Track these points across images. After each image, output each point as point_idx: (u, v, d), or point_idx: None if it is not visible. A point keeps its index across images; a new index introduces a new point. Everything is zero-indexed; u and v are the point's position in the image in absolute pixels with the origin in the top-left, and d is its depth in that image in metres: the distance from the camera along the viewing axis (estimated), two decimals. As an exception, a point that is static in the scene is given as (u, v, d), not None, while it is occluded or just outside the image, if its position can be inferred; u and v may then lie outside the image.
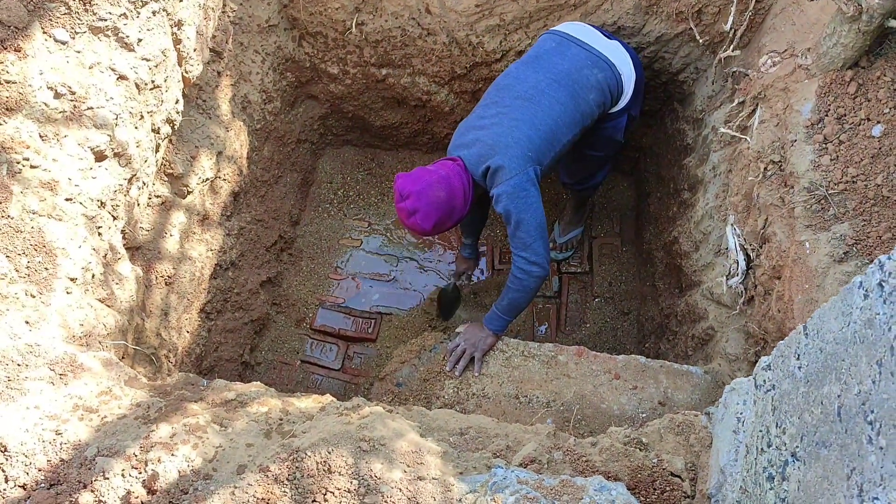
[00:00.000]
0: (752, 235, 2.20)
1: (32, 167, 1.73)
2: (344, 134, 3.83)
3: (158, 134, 2.24)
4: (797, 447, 1.17)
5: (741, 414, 1.46)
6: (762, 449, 1.30)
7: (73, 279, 1.75)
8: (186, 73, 2.38)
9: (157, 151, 2.29)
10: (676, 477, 1.55)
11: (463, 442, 1.72)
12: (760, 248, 2.15)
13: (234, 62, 2.81)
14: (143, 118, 2.09)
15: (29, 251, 1.67)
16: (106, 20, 1.90)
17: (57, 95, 1.81)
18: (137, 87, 2.05)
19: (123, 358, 1.97)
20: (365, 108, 3.54)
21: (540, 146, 2.32)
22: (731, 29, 2.52)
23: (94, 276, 1.86)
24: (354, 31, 3.02)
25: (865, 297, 1.02)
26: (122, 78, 1.98)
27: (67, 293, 1.72)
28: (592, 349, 2.48)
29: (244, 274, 3.11)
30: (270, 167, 3.29)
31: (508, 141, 2.28)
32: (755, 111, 2.28)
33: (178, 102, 2.32)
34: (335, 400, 1.86)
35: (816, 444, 1.10)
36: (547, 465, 1.60)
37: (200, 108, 2.63)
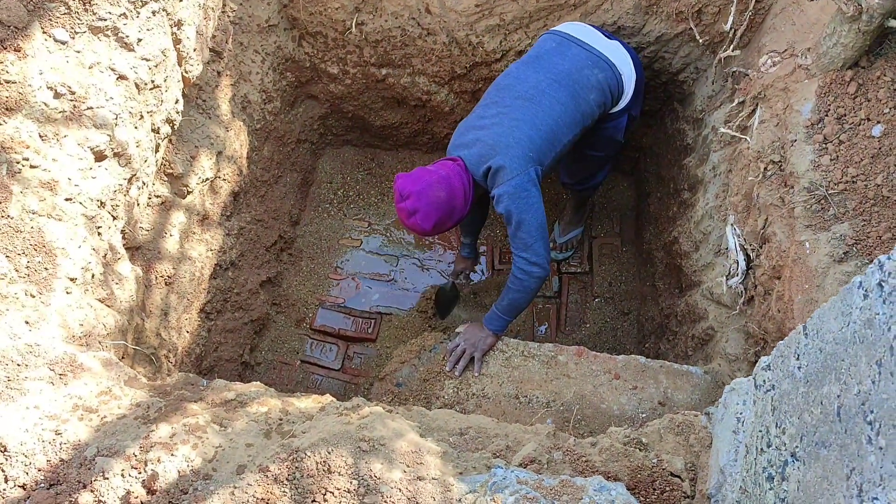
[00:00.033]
0: (752, 235, 2.20)
1: (32, 167, 1.73)
2: (344, 134, 3.83)
3: (158, 134, 2.24)
4: (797, 447, 1.16)
5: (741, 414, 1.46)
6: (762, 449, 1.30)
7: (72, 279, 1.75)
8: (186, 72, 2.38)
9: (156, 151, 2.29)
10: (676, 477, 1.55)
11: (463, 442, 1.72)
12: (760, 248, 2.15)
13: (233, 62, 2.81)
14: (142, 118, 2.09)
15: (29, 251, 1.67)
16: (106, 20, 1.90)
17: (57, 95, 1.81)
18: (137, 86, 2.05)
19: (123, 358, 1.97)
20: (365, 107, 3.54)
21: (541, 146, 2.32)
22: (731, 29, 2.52)
23: (93, 276, 1.86)
24: (354, 30, 3.02)
25: (865, 297, 1.02)
26: (121, 78, 1.98)
27: (67, 293, 1.72)
28: (592, 349, 2.48)
29: (244, 274, 3.11)
30: (270, 167, 3.29)
31: (509, 141, 2.28)
32: (755, 111, 2.28)
33: (177, 102, 2.32)
34: (335, 400, 1.86)
35: (816, 444, 1.10)
36: (547, 465, 1.60)
37: (200, 107, 2.63)
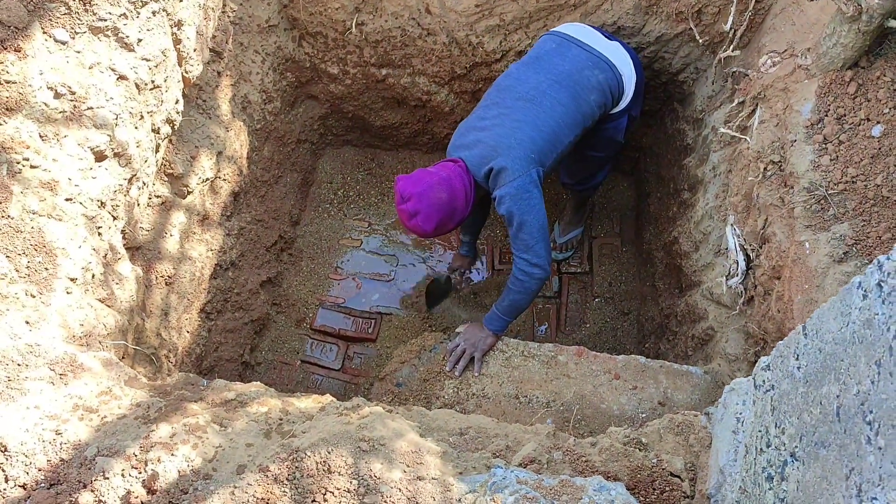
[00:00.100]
0: (751, 235, 2.20)
1: (32, 167, 1.73)
2: (344, 134, 3.83)
3: (158, 134, 2.24)
4: (796, 447, 1.17)
5: (740, 414, 1.46)
6: (761, 449, 1.30)
7: (73, 279, 1.75)
8: (186, 73, 2.38)
9: (157, 151, 2.29)
10: (676, 477, 1.55)
11: (463, 442, 1.73)
12: (760, 248, 2.15)
13: (234, 62, 2.81)
14: (143, 118, 2.10)
15: (29, 251, 1.67)
16: (106, 20, 1.90)
17: (57, 95, 1.81)
18: (137, 87, 2.05)
19: (123, 358, 1.97)
20: (365, 108, 3.54)
21: (542, 147, 2.32)
22: (730, 29, 2.52)
23: (94, 276, 1.86)
24: (354, 31, 3.02)
25: (864, 297, 1.02)
26: (122, 78, 1.98)
27: (67, 293, 1.72)
28: (592, 349, 2.48)
29: (244, 274, 3.11)
30: (270, 167, 3.29)
31: (511, 142, 2.28)
32: (755, 111, 2.28)
33: (178, 102, 2.32)
34: (335, 400, 1.86)
35: (815, 444, 1.10)
36: (546, 465, 1.60)
37: (200, 108, 2.63)
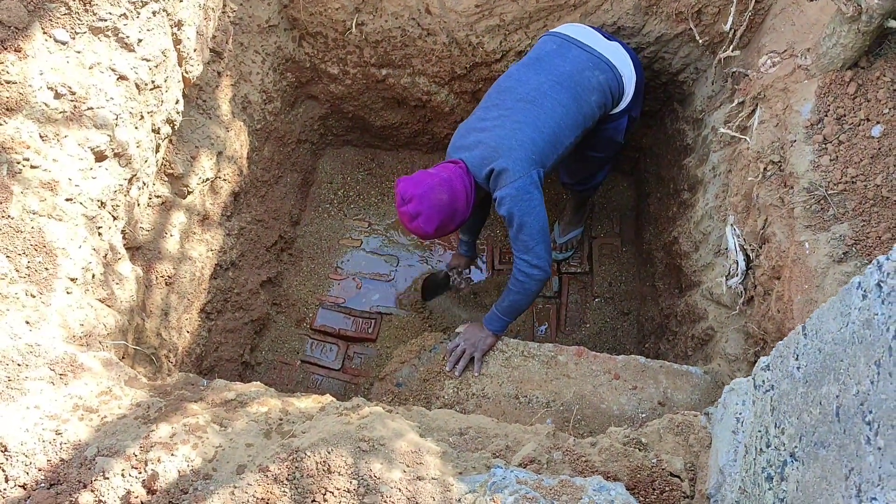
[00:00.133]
0: (751, 236, 2.20)
1: (33, 167, 1.73)
2: (344, 134, 3.83)
3: (158, 134, 2.24)
4: (796, 447, 1.17)
5: (740, 414, 1.46)
6: (761, 449, 1.30)
7: (73, 279, 1.75)
8: (186, 73, 2.38)
9: (157, 151, 2.29)
10: (675, 477, 1.55)
11: (462, 442, 1.73)
12: (760, 248, 2.15)
13: (234, 62, 2.81)
14: (143, 118, 2.10)
15: (29, 251, 1.68)
16: (106, 20, 1.91)
17: (57, 96, 1.81)
18: (137, 87, 2.05)
19: (123, 358, 1.97)
20: (365, 108, 3.54)
21: (543, 149, 2.32)
22: (730, 29, 2.52)
23: (94, 276, 1.86)
24: (354, 31, 3.02)
25: (864, 297, 1.02)
26: (122, 78, 1.98)
27: (67, 293, 1.72)
28: (592, 349, 2.48)
29: (244, 274, 3.11)
30: (270, 167, 3.29)
31: (512, 143, 2.27)
32: (755, 111, 2.28)
33: (178, 103, 2.32)
34: (335, 400, 1.86)
35: (815, 444, 1.10)
36: (546, 465, 1.61)
37: (200, 108, 2.63)
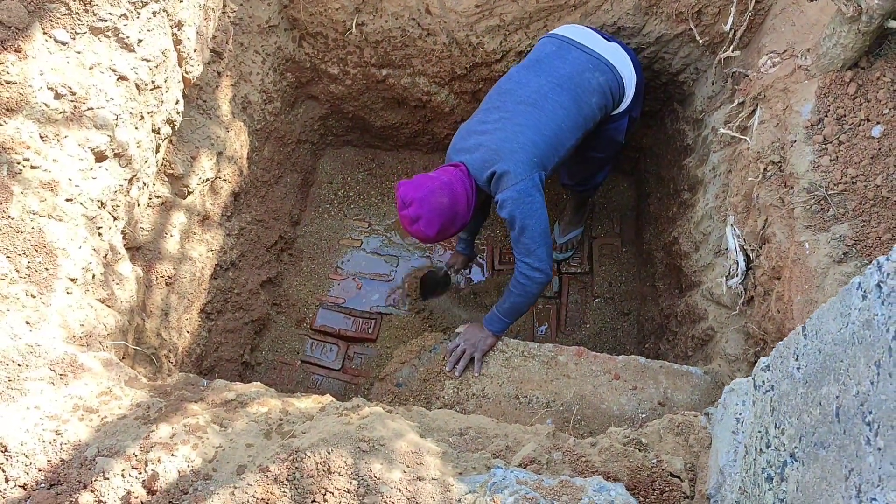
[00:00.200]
0: (751, 236, 2.20)
1: (33, 168, 1.73)
2: (344, 134, 3.83)
3: (159, 134, 2.24)
4: (796, 448, 1.17)
5: (740, 415, 1.46)
6: (761, 449, 1.30)
7: (73, 279, 1.75)
8: (187, 73, 2.38)
9: (157, 152, 2.29)
10: (675, 477, 1.55)
11: (462, 442, 1.73)
12: (760, 248, 2.15)
13: (234, 62, 2.81)
14: (143, 119, 2.10)
15: (29, 251, 1.68)
16: (106, 21, 1.91)
17: (57, 96, 1.81)
18: (138, 87, 2.05)
19: (124, 358, 1.97)
20: (365, 108, 3.55)
21: (545, 151, 2.31)
22: (730, 29, 2.52)
23: (94, 276, 1.86)
24: (355, 31, 3.02)
25: (864, 298, 1.02)
26: (122, 78, 1.98)
27: (68, 293, 1.72)
28: (592, 349, 2.48)
29: (244, 274, 3.11)
30: (271, 167, 3.29)
31: (513, 146, 2.27)
32: (755, 112, 2.28)
33: (178, 103, 2.32)
34: (335, 400, 1.86)
35: (815, 444, 1.10)
36: (546, 465, 1.61)
37: (201, 108, 2.63)
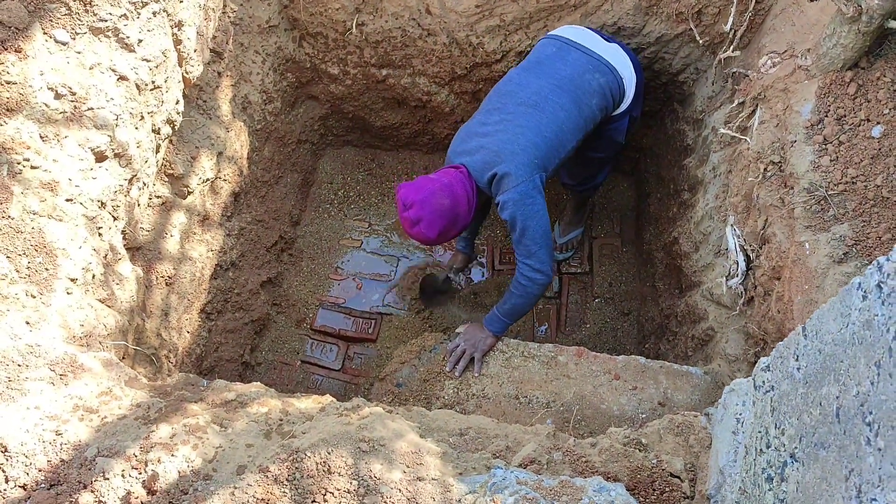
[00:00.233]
0: (751, 236, 2.20)
1: (33, 168, 1.73)
2: (344, 134, 3.83)
3: (159, 134, 2.24)
4: (796, 448, 1.17)
5: (740, 415, 1.46)
6: (761, 450, 1.30)
7: (73, 280, 1.75)
8: (187, 73, 2.38)
9: (157, 152, 2.29)
10: (676, 478, 1.55)
11: (462, 442, 1.73)
12: (760, 248, 2.15)
13: (234, 63, 2.81)
14: (143, 119, 2.10)
15: (29, 252, 1.68)
16: (106, 21, 1.91)
17: (57, 96, 1.81)
18: (138, 87, 2.05)
19: (124, 358, 1.97)
20: (365, 108, 3.55)
21: (546, 153, 2.32)
22: (730, 30, 2.52)
23: (94, 276, 1.86)
24: (355, 31, 3.02)
25: (864, 298, 1.02)
26: (122, 78, 1.98)
27: (68, 293, 1.72)
28: (592, 350, 2.48)
29: (244, 274, 3.11)
30: (271, 167, 3.29)
31: (514, 148, 2.27)
32: (755, 112, 2.28)
33: (178, 103, 2.32)
34: (335, 400, 1.86)
35: (815, 445, 1.10)
36: (546, 465, 1.60)
37: (201, 108, 2.63)
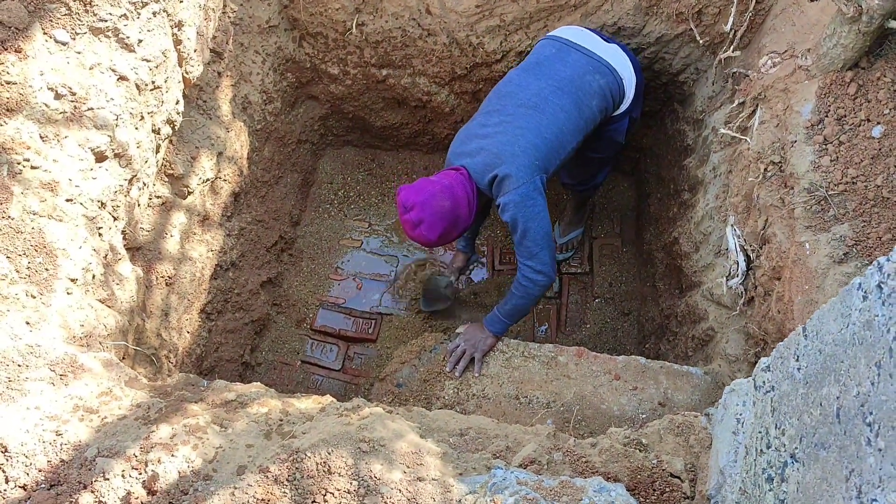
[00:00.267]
0: (752, 236, 2.20)
1: (33, 168, 1.73)
2: (344, 134, 3.83)
3: (159, 134, 2.24)
4: (796, 448, 1.17)
5: (740, 415, 1.46)
6: (761, 450, 1.30)
7: (73, 280, 1.75)
8: (187, 73, 2.38)
9: (157, 152, 2.29)
10: (676, 478, 1.55)
11: (463, 443, 1.73)
12: (760, 248, 2.15)
13: (234, 63, 2.81)
14: (143, 119, 2.10)
15: (29, 252, 1.68)
16: (106, 21, 1.91)
17: (57, 96, 1.81)
18: (138, 87, 2.05)
19: (124, 358, 1.97)
20: (365, 108, 3.54)
21: (546, 154, 2.31)
22: (731, 30, 2.52)
23: (94, 276, 1.86)
24: (355, 31, 3.02)
25: (864, 298, 1.02)
26: (122, 79, 1.98)
27: (68, 294, 1.72)
28: (592, 350, 2.48)
29: (244, 274, 3.11)
30: (271, 168, 3.29)
31: (515, 150, 2.27)
32: (755, 112, 2.28)
33: (178, 103, 2.32)
34: (335, 401, 1.86)
35: (815, 445, 1.10)
36: (546, 465, 1.60)
37: (201, 108, 2.63)
